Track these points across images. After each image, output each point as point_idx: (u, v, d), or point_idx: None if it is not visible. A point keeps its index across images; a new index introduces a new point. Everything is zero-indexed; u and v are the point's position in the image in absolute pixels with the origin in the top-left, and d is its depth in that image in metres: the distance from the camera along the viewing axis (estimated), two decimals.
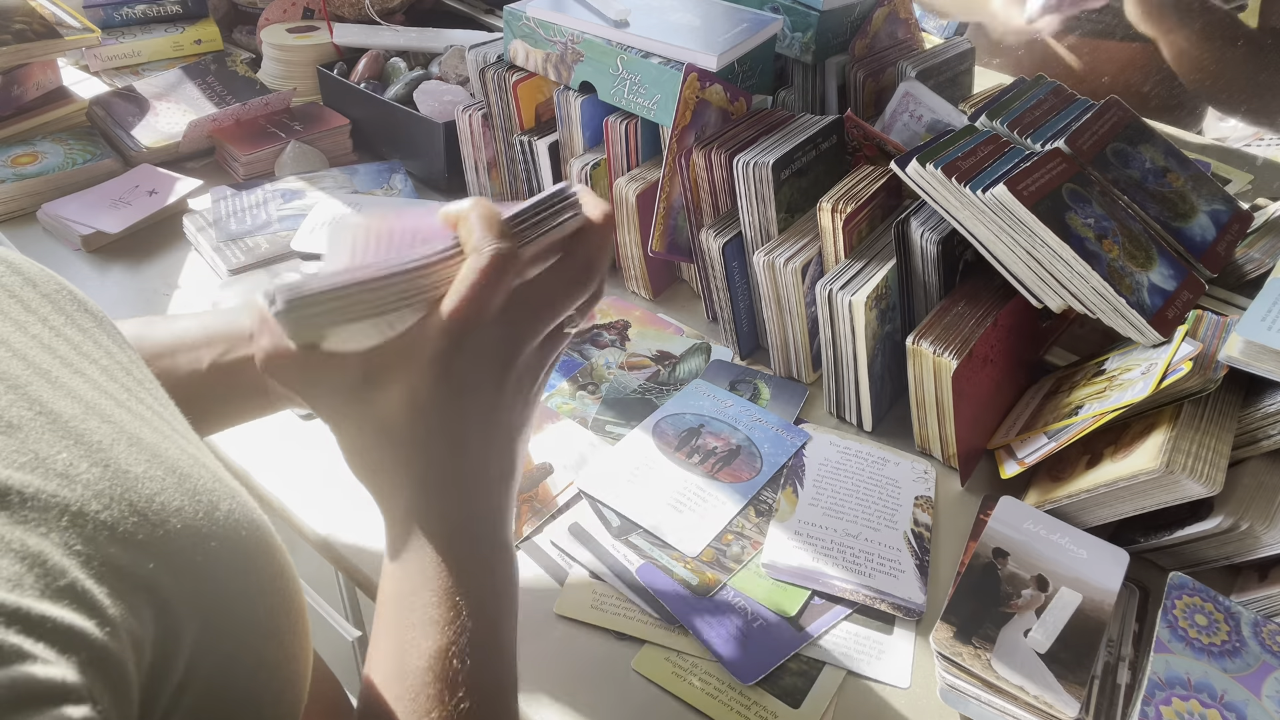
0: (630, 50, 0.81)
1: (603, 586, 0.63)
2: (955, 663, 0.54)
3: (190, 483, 0.31)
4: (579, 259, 0.44)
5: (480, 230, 0.40)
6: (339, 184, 1.03)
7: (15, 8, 1.08)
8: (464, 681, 0.39)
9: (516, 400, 0.44)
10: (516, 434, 0.45)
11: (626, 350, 0.84)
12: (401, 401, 0.41)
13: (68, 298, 0.37)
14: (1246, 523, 0.59)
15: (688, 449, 0.73)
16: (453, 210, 0.42)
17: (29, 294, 0.35)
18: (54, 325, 0.35)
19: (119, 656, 0.25)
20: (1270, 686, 0.52)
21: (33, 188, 0.99)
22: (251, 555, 0.33)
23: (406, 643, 0.40)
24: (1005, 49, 1.12)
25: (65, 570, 0.24)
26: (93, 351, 0.35)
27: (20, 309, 0.34)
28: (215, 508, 0.31)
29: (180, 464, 0.32)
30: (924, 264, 0.72)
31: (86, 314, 0.38)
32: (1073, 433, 0.65)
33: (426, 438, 0.41)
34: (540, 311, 0.43)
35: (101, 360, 0.35)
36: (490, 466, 0.44)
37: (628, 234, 0.88)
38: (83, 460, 0.28)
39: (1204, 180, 0.80)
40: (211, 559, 0.30)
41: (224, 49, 1.34)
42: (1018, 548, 0.61)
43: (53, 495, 0.26)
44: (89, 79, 1.25)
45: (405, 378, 0.40)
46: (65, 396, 0.30)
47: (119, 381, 0.35)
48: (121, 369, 0.36)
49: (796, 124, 0.81)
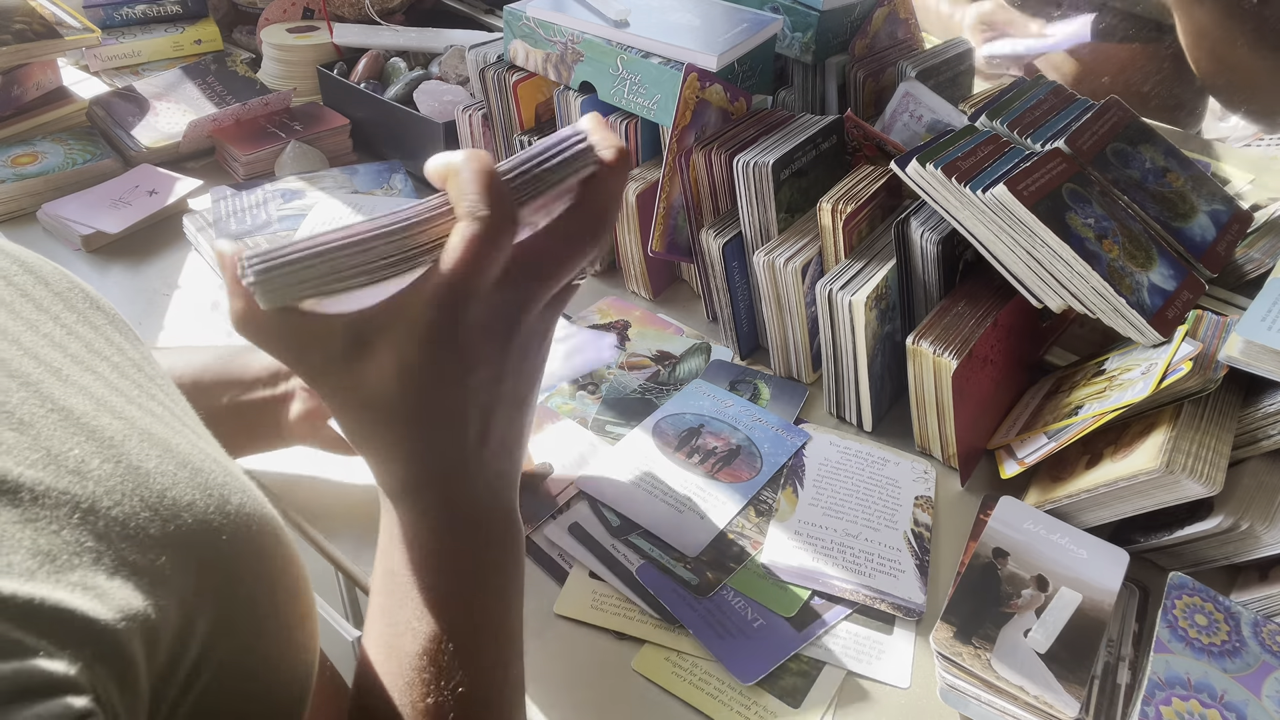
0: (630, 50, 0.81)
1: (603, 586, 0.63)
2: (955, 663, 0.54)
3: (202, 477, 0.31)
4: (589, 209, 0.39)
5: (474, 190, 0.35)
6: (339, 184, 1.03)
7: (15, 8, 1.08)
8: (460, 665, 0.38)
9: (523, 367, 0.40)
10: (523, 402, 0.42)
11: (626, 350, 0.84)
12: (392, 373, 0.37)
13: (79, 295, 0.38)
14: (1246, 523, 0.59)
15: (688, 449, 0.73)
16: (442, 163, 0.37)
17: (40, 292, 0.35)
18: (66, 323, 0.35)
19: (127, 650, 0.25)
20: (1270, 686, 0.52)
21: (33, 188, 0.99)
22: (262, 548, 0.33)
23: (400, 623, 0.39)
24: None
25: (74, 566, 0.25)
26: (104, 348, 0.35)
27: (32, 308, 0.34)
28: (227, 501, 0.32)
29: (192, 458, 0.32)
30: (924, 264, 0.72)
31: (98, 311, 0.38)
32: (1073, 433, 0.65)
33: (421, 414, 0.38)
34: (545, 271, 0.38)
35: (113, 357, 0.35)
36: (493, 440, 0.40)
37: (628, 234, 0.88)
38: (95, 456, 0.28)
39: (1204, 180, 0.80)
40: (223, 552, 0.30)
41: (224, 49, 1.34)
42: (1018, 548, 0.61)
43: (64, 492, 0.26)
44: (89, 79, 1.25)
45: (395, 348, 0.36)
46: (77, 393, 0.30)
47: (130, 378, 0.35)
48: (133, 365, 0.36)
49: (796, 124, 0.81)
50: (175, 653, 0.27)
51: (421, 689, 0.38)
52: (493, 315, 0.37)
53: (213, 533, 0.30)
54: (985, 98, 0.86)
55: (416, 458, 0.39)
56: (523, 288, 0.38)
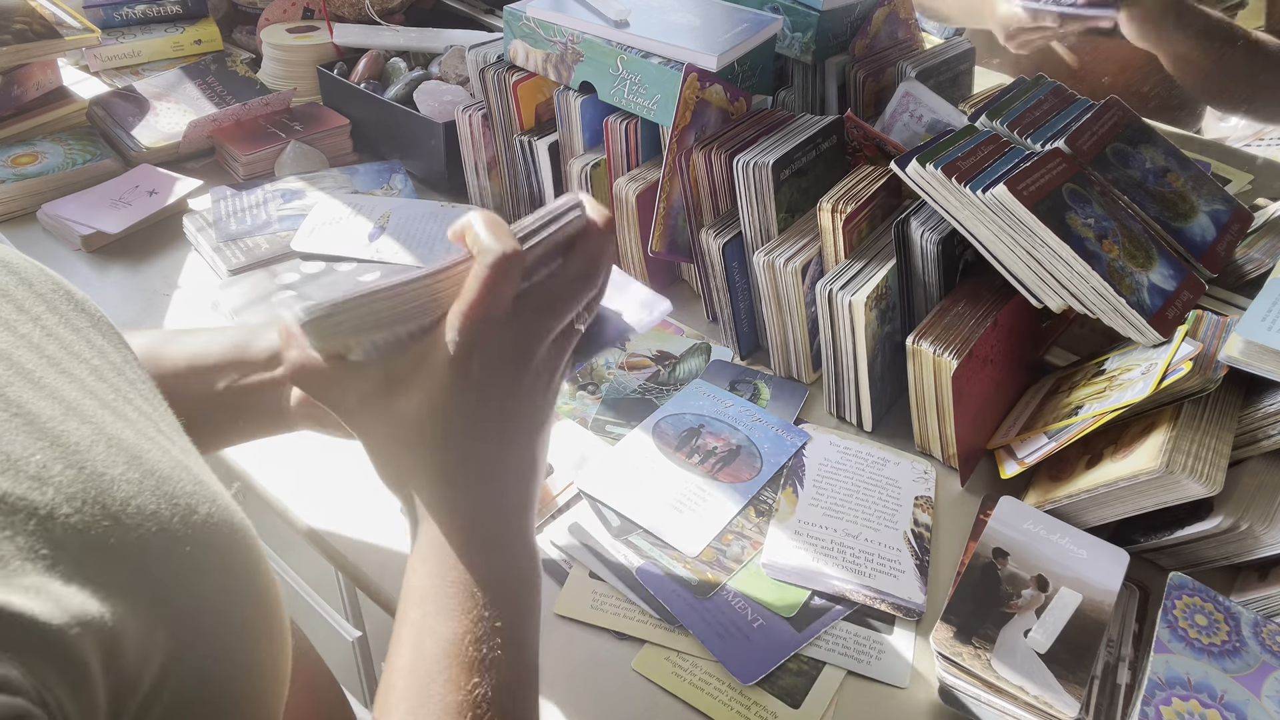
0: (630, 50, 0.81)
1: (603, 586, 0.63)
2: (955, 663, 0.54)
3: (169, 485, 0.31)
4: (584, 255, 0.46)
5: (486, 235, 0.42)
6: (339, 184, 1.03)
7: (15, 8, 1.08)
8: (482, 668, 0.40)
9: (534, 397, 0.45)
10: (536, 431, 0.46)
11: (626, 350, 0.84)
12: (422, 403, 0.42)
13: (62, 297, 0.38)
14: (1246, 523, 0.59)
15: (688, 449, 0.73)
16: (459, 224, 0.44)
17: (22, 293, 0.35)
18: (46, 325, 0.35)
19: (80, 656, 0.25)
20: (1270, 686, 0.52)
21: (33, 188, 0.99)
22: (229, 560, 0.33)
23: (424, 630, 0.41)
24: (1005, 51, 1.12)
25: (26, 571, 0.25)
26: (84, 351, 0.35)
27: (11, 308, 0.34)
28: (194, 511, 0.31)
29: (161, 467, 0.32)
30: (924, 264, 0.72)
31: (81, 313, 0.38)
32: (1073, 433, 0.65)
33: (445, 435, 0.42)
34: (548, 309, 0.44)
35: (92, 360, 0.35)
36: (509, 461, 0.45)
37: (628, 234, 0.88)
38: (57, 462, 0.28)
39: (1204, 180, 0.80)
40: (187, 563, 0.30)
41: (224, 49, 1.34)
42: (1018, 548, 0.61)
43: (21, 498, 0.26)
44: (89, 79, 1.25)
45: (424, 381, 0.42)
46: (46, 397, 0.30)
47: (108, 382, 0.35)
48: (113, 369, 0.36)
49: (796, 124, 0.81)
50: (136, 663, 0.27)
51: (442, 688, 0.39)
52: (506, 344, 0.43)
53: (176, 542, 0.30)
54: (985, 98, 0.86)
55: (440, 474, 0.43)
56: (530, 322, 0.44)
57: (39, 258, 1.03)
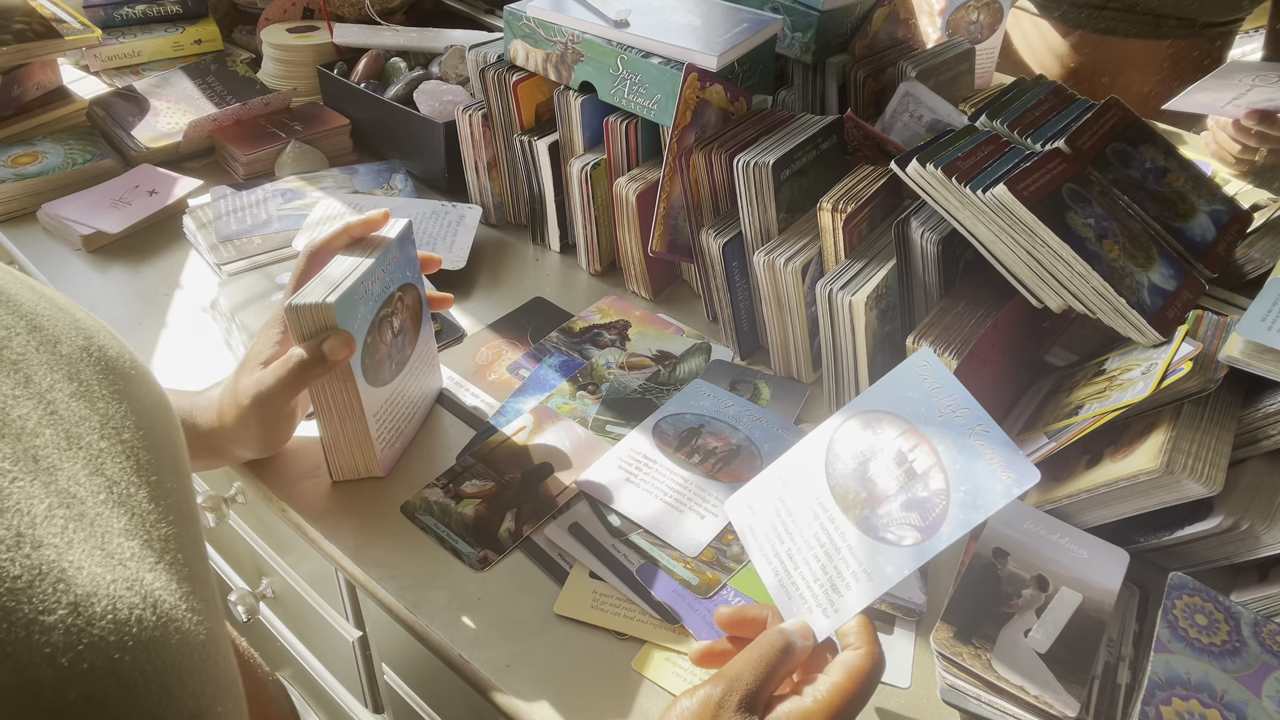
0: (630, 50, 0.81)
1: (603, 586, 0.63)
2: (955, 663, 0.54)
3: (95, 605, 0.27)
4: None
5: None
6: (339, 184, 1.03)
7: (15, 8, 1.08)
8: None
9: None
10: None
11: (626, 350, 0.84)
12: None
13: (90, 359, 0.35)
14: (1246, 523, 0.59)
15: (688, 449, 0.73)
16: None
17: (39, 359, 0.33)
18: (52, 402, 0.32)
19: None
20: (1270, 686, 0.52)
21: (33, 188, 0.99)
22: (164, 662, 0.28)
23: None
24: None
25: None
26: (88, 435, 0.32)
27: (15, 383, 0.31)
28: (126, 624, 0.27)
29: (99, 589, 0.28)
30: (924, 264, 0.72)
31: (107, 376, 0.35)
32: (1073, 433, 0.65)
33: None
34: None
35: (97, 444, 0.32)
36: None
37: (628, 234, 0.88)
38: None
39: (1204, 180, 0.80)
40: (119, 671, 0.27)
41: (224, 49, 1.34)
42: (1018, 548, 0.61)
43: None
44: (89, 79, 1.25)
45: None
46: (10, 511, 0.27)
47: (104, 475, 0.32)
48: (120, 453, 0.33)
49: (796, 124, 0.81)
50: None
51: None
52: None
53: (108, 650, 0.26)
54: (985, 98, 0.86)
55: None
56: None
57: (39, 258, 1.03)
